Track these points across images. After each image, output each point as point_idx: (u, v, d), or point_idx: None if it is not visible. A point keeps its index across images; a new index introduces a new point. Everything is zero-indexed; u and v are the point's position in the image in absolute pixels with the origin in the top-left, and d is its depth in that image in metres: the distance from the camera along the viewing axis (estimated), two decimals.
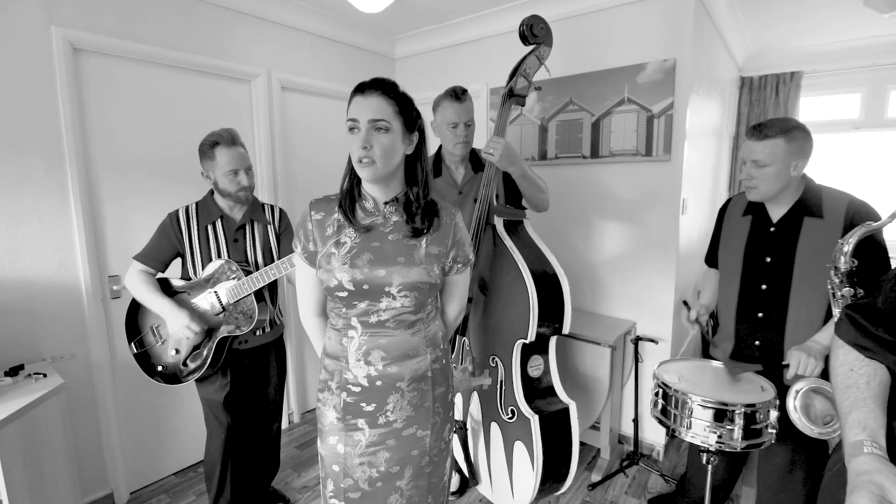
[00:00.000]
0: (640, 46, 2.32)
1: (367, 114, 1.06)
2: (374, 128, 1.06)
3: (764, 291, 1.54)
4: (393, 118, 1.08)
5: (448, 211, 1.22)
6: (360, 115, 1.06)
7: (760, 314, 1.55)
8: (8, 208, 1.77)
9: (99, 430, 2.07)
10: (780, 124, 1.44)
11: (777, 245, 1.52)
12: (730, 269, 1.64)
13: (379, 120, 1.06)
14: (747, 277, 1.58)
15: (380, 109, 1.06)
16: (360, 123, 1.07)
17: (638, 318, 2.49)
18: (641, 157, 2.36)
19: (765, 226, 1.56)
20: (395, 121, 1.08)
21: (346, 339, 1.16)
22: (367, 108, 1.06)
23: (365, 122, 1.06)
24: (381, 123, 1.06)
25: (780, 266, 1.51)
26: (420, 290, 1.14)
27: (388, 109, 1.07)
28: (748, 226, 1.60)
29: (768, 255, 1.54)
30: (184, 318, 1.64)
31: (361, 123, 1.06)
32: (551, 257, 1.66)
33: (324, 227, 1.15)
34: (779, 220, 1.53)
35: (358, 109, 1.07)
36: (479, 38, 2.90)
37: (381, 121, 1.06)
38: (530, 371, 1.67)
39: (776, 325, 1.53)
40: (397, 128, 1.09)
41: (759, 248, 1.56)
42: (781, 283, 1.51)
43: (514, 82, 1.66)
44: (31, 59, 1.78)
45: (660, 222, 2.36)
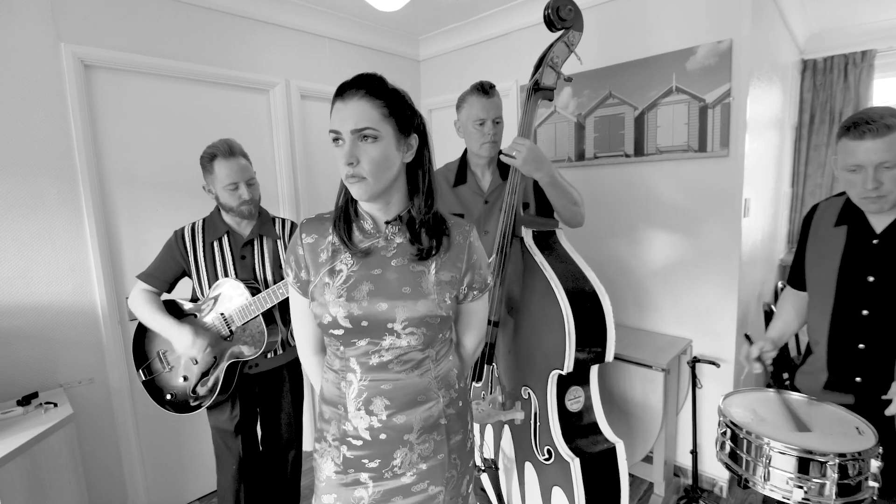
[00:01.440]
0: (688, 28, 2.05)
1: (349, 123, 0.89)
2: (360, 137, 0.89)
3: (866, 318, 1.26)
4: (381, 123, 0.90)
5: (461, 228, 1.03)
6: (341, 125, 0.90)
7: (862, 345, 1.27)
8: (20, 231, 1.73)
9: (120, 456, 2.01)
10: None
11: (882, 261, 1.23)
12: (821, 291, 1.36)
13: (363, 129, 0.88)
14: (843, 301, 1.30)
15: (363, 115, 0.89)
16: (342, 135, 0.90)
17: (694, 336, 2.21)
18: (694, 153, 2.08)
19: (865, 238, 1.27)
20: (385, 125, 0.90)
21: (344, 384, 0.99)
22: (349, 116, 0.89)
23: (348, 133, 0.89)
24: (368, 132, 0.88)
25: (887, 286, 1.22)
26: (429, 325, 0.95)
27: (374, 114, 0.89)
28: (843, 238, 1.31)
29: (870, 274, 1.25)
30: (187, 335, 1.54)
31: (344, 134, 0.90)
32: (589, 272, 1.44)
33: (316, 253, 0.99)
34: (884, 231, 1.24)
35: (339, 118, 0.90)
36: (506, 33, 2.70)
37: (366, 129, 0.88)
38: (569, 405, 1.45)
39: (884, 359, 1.24)
40: (388, 133, 0.91)
41: (858, 266, 1.28)
42: (889, 308, 1.22)
43: (540, 74, 1.45)
44: (40, 78, 1.74)
45: (718, 227, 2.08)
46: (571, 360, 1.32)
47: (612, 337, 1.39)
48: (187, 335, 1.54)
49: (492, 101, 1.63)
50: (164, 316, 1.58)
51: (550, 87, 1.46)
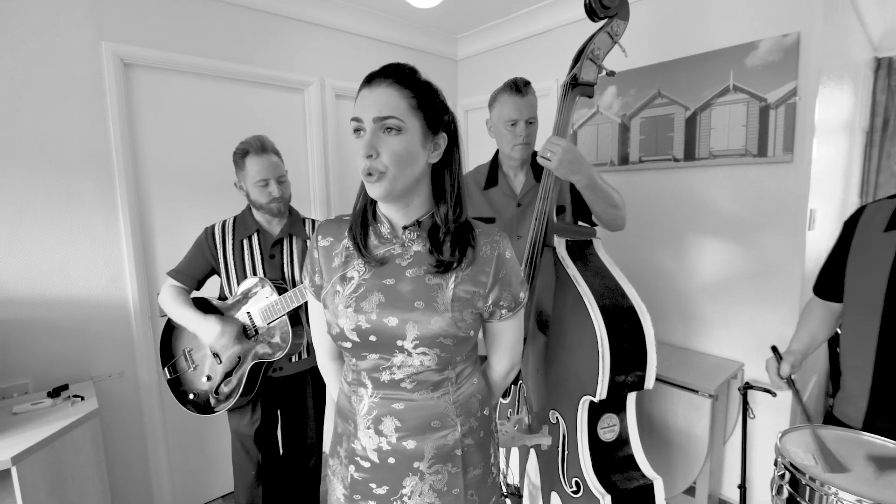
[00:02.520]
0: (749, 20, 1.86)
1: (372, 110, 0.80)
2: (383, 127, 0.81)
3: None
4: (408, 114, 0.81)
5: (490, 237, 0.92)
6: (364, 112, 0.81)
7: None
8: (59, 225, 1.77)
9: (146, 450, 2.03)
10: None
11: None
12: (864, 305, 1.19)
13: (387, 117, 0.80)
14: (894, 318, 1.13)
15: (389, 103, 0.80)
16: (363, 124, 0.82)
17: (746, 359, 2.01)
18: (752, 157, 1.89)
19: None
20: (412, 118, 0.82)
21: (355, 398, 0.92)
22: (373, 103, 0.81)
23: (370, 122, 0.81)
24: (391, 122, 0.80)
25: None
26: (443, 345, 0.86)
27: (401, 103, 0.81)
28: (895, 245, 1.15)
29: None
30: (214, 325, 1.52)
31: (366, 123, 0.81)
32: (629, 288, 1.30)
33: (330, 257, 0.92)
34: None
35: (362, 105, 0.82)
36: (548, 30, 2.58)
37: (390, 118, 0.80)
38: (601, 434, 1.32)
39: None
40: (414, 127, 0.82)
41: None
42: None
43: (579, 68, 1.33)
44: (81, 76, 1.78)
45: (778, 240, 1.88)
46: (605, 386, 1.20)
47: (654, 361, 1.25)
48: (214, 325, 1.53)
49: (525, 100, 1.52)
50: (190, 309, 1.58)
51: (590, 83, 1.34)
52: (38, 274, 1.74)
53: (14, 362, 1.70)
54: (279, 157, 1.62)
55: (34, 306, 1.73)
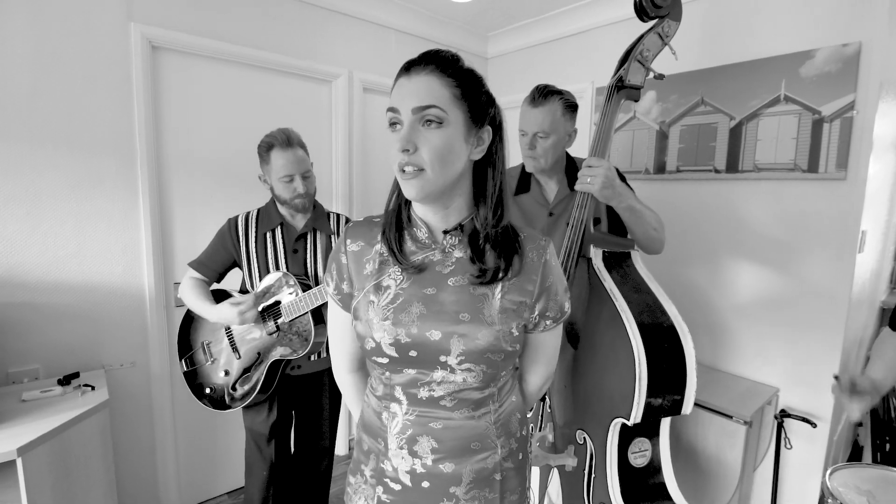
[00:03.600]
0: (805, 28, 1.76)
1: (411, 99, 0.73)
2: (423, 120, 0.73)
3: None
4: (450, 105, 0.74)
5: (535, 243, 0.84)
6: (401, 101, 0.74)
7: None
8: (79, 210, 1.74)
9: (154, 442, 1.99)
10: None
11: None
12: None
13: (428, 107, 0.72)
14: None
15: (430, 92, 0.73)
16: (400, 115, 0.74)
17: (781, 385, 1.89)
18: (801, 173, 1.78)
19: None
20: (455, 109, 0.74)
21: (386, 415, 0.84)
22: (412, 92, 0.73)
23: (408, 112, 0.73)
24: (432, 112, 0.72)
25: None
26: (490, 361, 0.78)
27: (444, 93, 0.73)
28: None
29: None
30: (231, 309, 1.46)
31: (403, 114, 0.74)
32: (670, 305, 1.21)
33: (361, 263, 0.85)
34: None
35: (400, 94, 0.75)
36: (583, 31, 2.49)
37: (431, 108, 0.72)
38: (632, 459, 1.23)
39: None
40: (457, 120, 0.74)
41: None
42: None
43: (626, 70, 1.24)
44: (108, 57, 1.74)
45: (825, 261, 1.76)
46: (640, 409, 1.11)
47: (693, 386, 1.16)
48: (227, 308, 1.47)
49: (536, 112, 1.41)
50: (209, 301, 1.54)
51: (637, 86, 1.25)
52: (55, 258, 1.71)
53: (25, 347, 1.67)
54: (305, 151, 1.57)
55: (49, 291, 1.70)
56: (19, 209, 1.63)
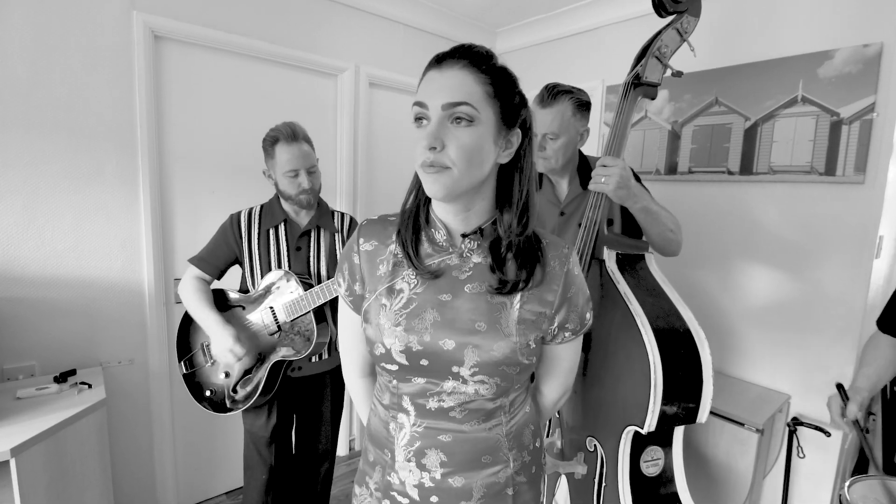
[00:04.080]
0: (825, 28, 1.71)
1: (441, 94, 0.69)
2: (452, 117, 0.69)
3: None
4: (483, 103, 0.69)
5: (558, 251, 0.80)
6: (431, 96, 0.70)
7: None
8: (77, 203, 1.70)
9: (152, 441, 1.95)
10: None
11: None
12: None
13: (460, 104, 0.68)
14: None
15: (462, 88, 0.69)
16: (428, 110, 0.70)
17: (793, 392, 1.86)
18: (818, 176, 1.74)
19: None
20: (487, 108, 0.70)
21: (393, 425, 0.80)
22: (443, 87, 0.69)
23: (437, 108, 0.69)
24: (463, 110, 0.68)
25: None
26: (505, 374, 0.74)
27: (477, 89, 0.69)
28: None
29: None
30: (228, 339, 1.43)
31: (432, 109, 0.70)
32: (685, 310, 1.17)
33: (374, 263, 0.81)
34: None
35: (429, 89, 0.71)
36: (593, 28, 2.44)
37: (462, 105, 0.68)
38: (644, 468, 1.19)
39: None
40: (488, 119, 0.70)
41: None
42: None
43: (643, 67, 1.20)
44: (109, 47, 1.70)
45: (840, 266, 1.72)
46: (655, 418, 1.07)
47: (710, 394, 1.13)
48: (227, 338, 1.43)
49: (544, 113, 1.37)
50: (210, 310, 1.48)
51: (654, 84, 1.21)
52: (52, 252, 1.67)
53: (21, 343, 1.63)
54: (311, 146, 1.53)
55: (46, 286, 1.66)
56: (16, 201, 1.59)
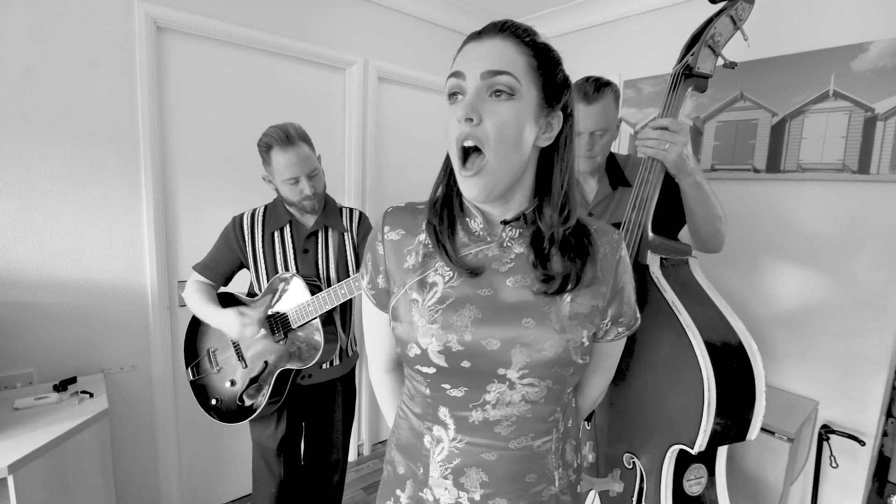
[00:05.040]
0: (858, 19, 1.64)
1: (481, 62, 0.62)
2: (492, 89, 0.62)
3: None
4: (525, 75, 0.63)
5: (608, 236, 0.74)
6: (469, 65, 0.63)
7: None
8: (76, 203, 1.61)
9: (156, 449, 1.87)
10: None
11: None
12: None
13: (500, 72, 0.61)
14: None
15: (504, 57, 0.62)
16: (465, 81, 0.63)
17: (822, 398, 1.80)
18: (851, 174, 1.68)
19: None
20: (529, 82, 0.63)
21: (429, 439, 0.73)
22: (483, 55, 0.63)
23: (476, 78, 0.62)
24: (504, 80, 0.61)
25: None
26: (557, 375, 0.67)
27: (520, 60, 0.63)
28: None
29: None
30: (233, 319, 1.36)
31: (469, 80, 0.63)
32: (736, 320, 1.10)
33: (401, 255, 0.73)
34: None
35: (467, 59, 0.64)
36: (610, 20, 2.37)
37: (503, 74, 0.61)
38: (687, 487, 1.13)
39: None
40: (530, 94, 0.64)
41: None
42: None
43: (695, 57, 1.12)
44: (110, 38, 1.61)
45: (874, 268, 1.66)
46: (706, 438, 1.01)
47: (762, 410, 1.06)
48: (232, 317, 1.36)
49: (591, 109, 1.29)
50: (209, 304, 1.42)
51: (706, 75, 1.14)
52: (51, 254, 1.58)
53: (19, 349, 1.54)
54: (310, 146, 1.42)
55: (44, 289, 1.57)
56: (12, 201, 1.50)
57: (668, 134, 1.06)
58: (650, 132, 1.10)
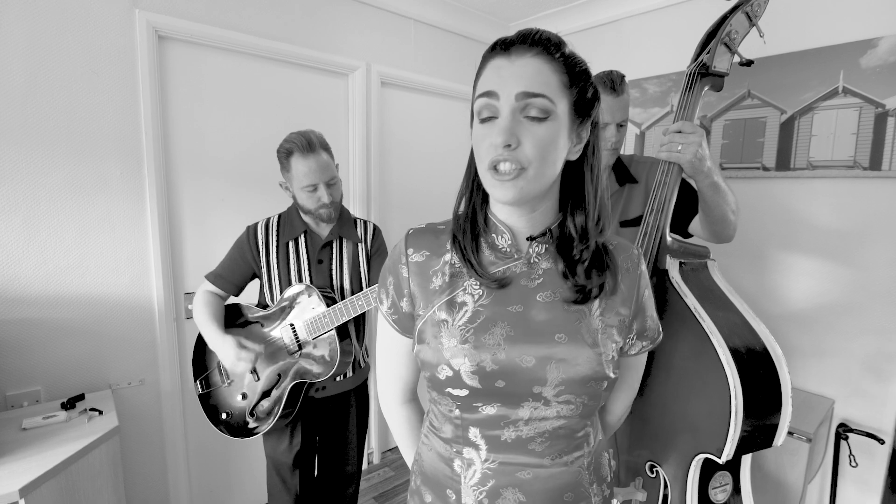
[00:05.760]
0: (866, 15, 1.63)
1: (516, 83, 0.60)
2: (527, 110, 0.61)
3: None
4: (558, 94, 0.62)
5: (627, 252, 0.74)
6: (502, 85, 0.61)
7: None
8: (80, 216, 1.58)
9: (165, 464, 1.85)
10: None
11: None
12: None
13: (537, 95, 0.60)
14: None
15: (539, 77, 0.61)
16: (499, 101, 0.61)
17: (837, 396, 1.78)
18: (862, 170, 1.67)
19: None
20: (562, 99, 0.62)
21: (459, 462, 0.71)
22: (518, 75, 0.61)
23: (510, 98, 0.60)
24: (539, 103, 0.60)
25: None
26: (592, 391, 0.66)
27: (552, 79, 0.61)
28: None
29: None
30: (230, 350, 1.33)
31: (503, 101, 0.61)
32: (758, 323, 1.09)
33: (427, 276, 0.71)
34: None
35: (499, 77, 0.62)
36: (615, 20, 2.35)
37: (539, 97, 0.60)
38: (713, 495, 1.11)
39: None
40: (563, 112, 0.63)
41: None
42: None
43: (711, 55, 1.11)
44: (111, 48, 1.58)
45: (886, 265, 1.65)
46: (733, 446, 0.99)
47: (789, 415, 1.04)
48: (229, 348, 1.33)
49: (620, 100, 1.33)
50: (211, 322, 1.39)
51: (723, 73, 1.13)
52: (55, 269, 1.55)
53: (25, 367, 1.52)
54: (329, 155, 1.40)
55: (49, 305, 1.55)
56: (15, 216, 1.47)
57: (680, 136, 1.05)
58: (664, 136, 1.09)
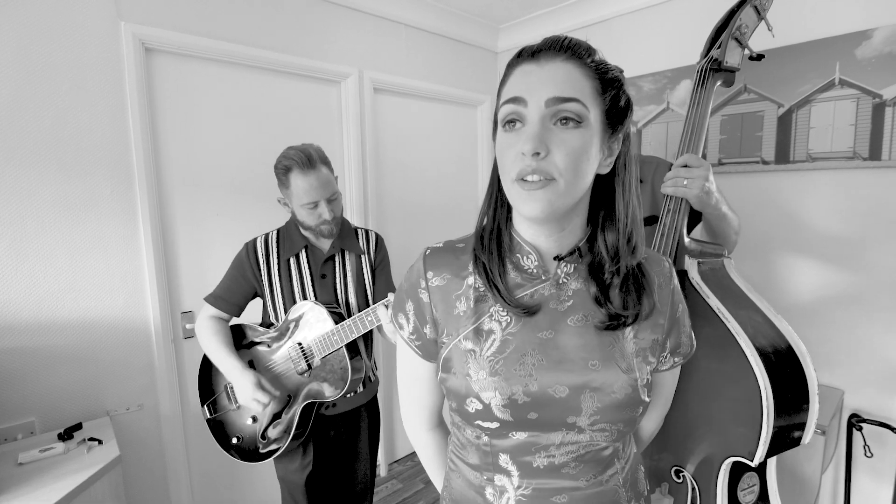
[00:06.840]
0: (860, 6, 1.64)
1: (546, 88, 0.57)
2: (558, 117, 0.57)
3: None
4: (591, 100, 0.58)
5: (660, 266, 0.71)
6: (530, 90, 0.58)
7: None
8: (70, 238, 1.52)
9: (168, 491, 1.78)
10: None
11: None
12: None
13: (570, 100, 0.57)
14: None
15: (570, 82, 0.57)
16: (527, 108, 0.58)
17: (846, 387, 1.79)
18: (861, 161, 1.67)
19: None
20: (595, 107, 0.59)
21: (491, 490, 0.68)
22: (547, 80, 0.57)
23: (540, 105, 0.57)
24: (572, 108, 0.57)
25: None
26: (628, 418, 0.63)
27: (585, 84, 0.58)
28: None
29: None
30: (249, 387, 1.28)
31: (531, 107, 0.58)
32: (779, 319, 1.07)
33: (450, 301, 0.68)
34: None
35: (527, 82, 0.59)
36: (605, 19, 2.35)
37: (572, 101, 0.57)
38: (741, 497, 1.09)
39: None
40: (596, 120, 0.59)
41: None
42: None
43: (722, 50, 1.10)
44: (97, 61, 1.52)
45: (890, 255, 1.65)
46: (766, 448, 0.97)
47: (816, 413, 1.03)
48: (249, 386, 1.28)
49: None
50: (229, 353, 1.33)
51: (734, 68, 1.11)
52: (46, 294, 1.48)
53: (18, 398, 1.45)
54: (329, 169, 1.35)
55: (41, 332, 1.48)
56: (2, 240, 1.41)
57: (685, 170, 1.03)
58: (669, 171, 1.07)
